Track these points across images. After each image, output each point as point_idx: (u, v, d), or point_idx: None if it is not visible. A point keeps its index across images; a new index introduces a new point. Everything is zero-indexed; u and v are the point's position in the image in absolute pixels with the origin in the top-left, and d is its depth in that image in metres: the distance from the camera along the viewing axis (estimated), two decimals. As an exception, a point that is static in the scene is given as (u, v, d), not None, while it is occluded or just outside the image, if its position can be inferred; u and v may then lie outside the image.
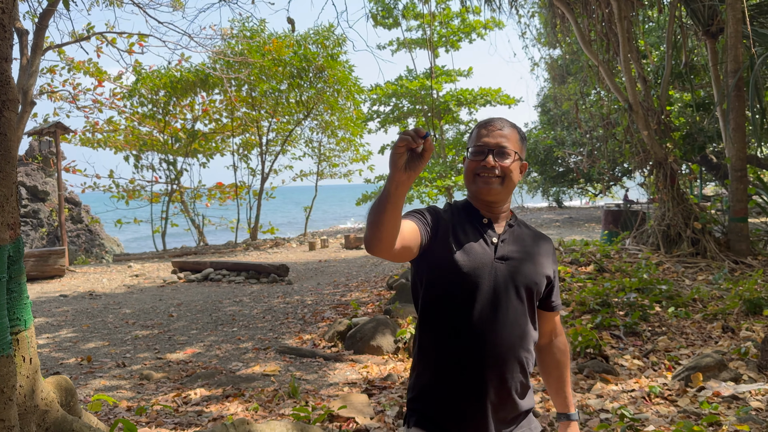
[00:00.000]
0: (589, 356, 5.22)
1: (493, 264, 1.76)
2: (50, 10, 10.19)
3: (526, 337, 1.80)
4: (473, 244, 1.78)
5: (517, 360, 1.75)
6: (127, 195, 17.96)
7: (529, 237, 1.90)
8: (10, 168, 1.96)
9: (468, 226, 1.81)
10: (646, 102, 10.79)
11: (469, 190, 1.87)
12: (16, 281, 2.11)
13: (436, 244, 1.74)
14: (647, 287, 7.16)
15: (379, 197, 1.50)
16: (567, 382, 1.98)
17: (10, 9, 1.97)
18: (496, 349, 1.72)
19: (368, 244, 1.55)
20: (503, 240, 1.82)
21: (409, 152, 1.47)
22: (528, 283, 1.79)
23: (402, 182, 1.46)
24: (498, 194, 1.80)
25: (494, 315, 1.73)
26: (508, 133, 1.83)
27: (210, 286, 10.52)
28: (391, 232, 1.52)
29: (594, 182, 28.46)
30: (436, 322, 1.77)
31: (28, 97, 11.11)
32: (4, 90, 1.94)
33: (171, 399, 4.52)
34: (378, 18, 20.86)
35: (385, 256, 1.57)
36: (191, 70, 16.69)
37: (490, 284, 1.74)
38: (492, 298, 1.74)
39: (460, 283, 1.73)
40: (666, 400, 4.28)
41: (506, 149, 1.80)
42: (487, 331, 1.72)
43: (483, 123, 1.87)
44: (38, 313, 8.17)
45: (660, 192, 10.59)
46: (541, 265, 1.86)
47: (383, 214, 1.48)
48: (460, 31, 21.91)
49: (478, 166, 1.79)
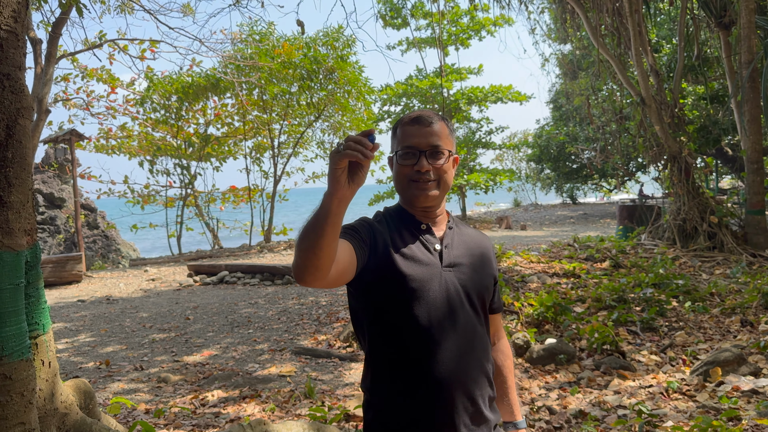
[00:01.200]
0: (606, 353, 5.19)
1: (441, 273, 1.61)
2: (63, 19, 10.31)
3: (487, 347, 1.69)
4: (416, 253, 1.62)
5: (484, 374, 1.65)
6: (143, 200, 18.09)
7: (471, 237, 1.78)
8: (25, 175, 2.00)
9: (406, 234, 1.65)
10: (659, 95, 10.71)
11: (403, 197, 1.70)
12: (34, 286, 2.15)
13: (376, 261, 1.57)
14: (664, 282, 7.11)
15: (315, 218, 1.30)
16: (512, 388, 1.86)
17: (22, 18, 2.00)
18: (462, 368, 1.58)
19: (301, 274, 1.33)
20: (446, 245, 1.67)
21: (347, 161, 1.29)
22: (480, 289, 1.68)
23: (345, 198, 1.29)
24: (435, 199, 1.65)
25: (453, 330, 1.59)
26: (438, 129, 1.65)
27: (225, 288, 10.58)
28: (329, 257, 1.32)
29: (608, 178, 28.28)
30: (391, 347, 1.59)
31: (43, 105, 11.25)
32: (18, 98, 1.97)
33: (189, 401, 4.55)
34: (387, 18, 20.89)
35: (319, 285, 1.37)
36: (202, 75, 16.79)
37: (443, 296, 1.59)
38: (448, 312, 1.59)
39: (410, 299, 1.57)
40: (684, 396, 4.25)
41: (439, 148, 1.63)
42: (448, 349, 1.57)
43: (408, 120, 1.67)
44: (57, 318, 8.27)
45: (675, 186, 10.51)
46: (488, 267, 1.74)
47: (322, 237, 1.28)
48: (469, 29, 21.89)
49: (411, 172, 1.62)
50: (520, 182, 33.88)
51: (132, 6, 13.39)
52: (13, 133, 1.95)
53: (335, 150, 1.29)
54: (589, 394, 4.40)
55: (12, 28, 1.95)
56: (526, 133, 32.48)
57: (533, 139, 29.01)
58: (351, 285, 1.60)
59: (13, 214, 1.94)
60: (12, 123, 1.95)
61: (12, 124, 1.95)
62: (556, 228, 19.72)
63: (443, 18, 20.46)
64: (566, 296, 6.82)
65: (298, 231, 1.37)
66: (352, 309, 1.70)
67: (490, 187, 21.44)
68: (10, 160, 1.94)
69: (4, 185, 1.93)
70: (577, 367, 5.01)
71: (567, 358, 5.05)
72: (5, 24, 1.93)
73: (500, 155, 34.06)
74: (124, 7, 13.06)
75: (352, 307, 1.69)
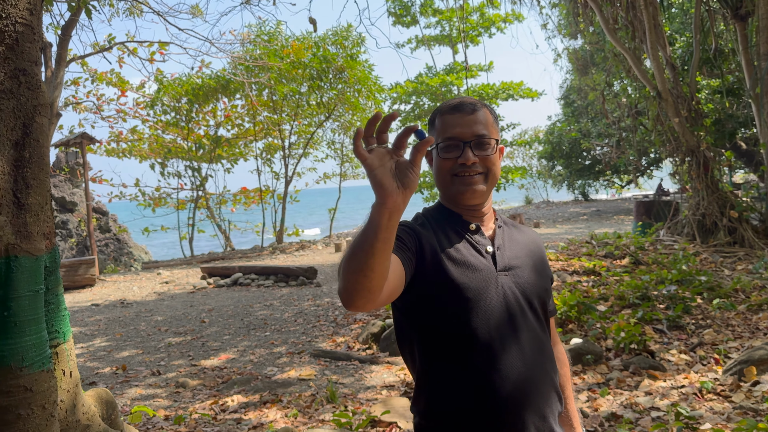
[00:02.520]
0: (634, 352, 5.05)
1: (497, 278, 1.45)
2: (73, 21, 10.27)
3: (553, 356, 1.53)
4: (468, 258, 1.44)
5: (553, 388, 1.48)
6: (154, 203, 18.09)
7: (522, 235, 1.61)
8: (44, 175, 1.90)
9: (454, 236, 1.47)
10: (675, 89, 10.53)
11: (446, 195, 1.52)
12: (53, 292, 2.05)
13: (425, 271, 1.40)
14: (687, 279, 6.95)
15: (364, 236, 1.11)
16: (570, 398, 1.68)
17: (38, 11, 1.90)
18: (529, 383, 1.41)
19: (351, 299, 1.15)
20: (499, 247, 1.50)
21: (395, 161, 1.10)
22: (539, 292, 1.51)
23: (397, 208, 1.08)
24: (483, 195, 1.48)
25: (516, 341, 1.42)
26: (483, 116, 1.48)
27: (239, 290, 10.51)
28: (382, 278, 1.14)
29: (621, 174, 28.02)
30: (448, 365, 1.42)
31: (54, 109, 11.22)
32: (35, 94, 1.87)
33: (208, 407, 4.46)
34: (397, 16, 20.80)
35: (370, 309, 1.19)
36: (212, 77, 16.75)
37: (501, 304, 1.43)
38: (508, 321, 1.43)
39: (466, 310, 1.40)
40: (719, 396, 4.10)
41: (485, 137, 1.46)
42: (513, 363, 1.40)
43: (448, 108, 1.50)
44: (71, 323, 8.22)
45: (693, 181, 10.33)
46: (544, 267, 1.58)
47: (372, 257, 1.09)
48: (479, 25, 21.74)
49: (455, 165, 1.45)
50: (532, 179, 33.64)
51: (141, 8, 13.36)
52: (30, 131, 1.86)
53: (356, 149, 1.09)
54: (619, 396, 4.26)
55: (28, 21, 1.85)
56: (538, 130, 32.26)
57: (545, 136, 28.79)
58: (398, 299, 1.40)
59: (31, 217, 1.84)
60: (29, 121, 1.86)
61: (29, 122, 1.86)
62: (570, 225, 19.52)
63: (453, 15, 20.32)
64: (588, 294, 6.68)
65: (344, 251, 1.19)
66: (398, 325, 1.51)
67: (502, 184, 21.28)
68: (28, 160, 1.85)
69: (21, 187, 1.83)
70: (605, 368, 4.87)
71: (594, 358, 4.91)
72: (20, 17, 1.83)
73: (511, 153, 33.84)
74: (133, 10, 13.03)
75: (398, 323, 1.51)
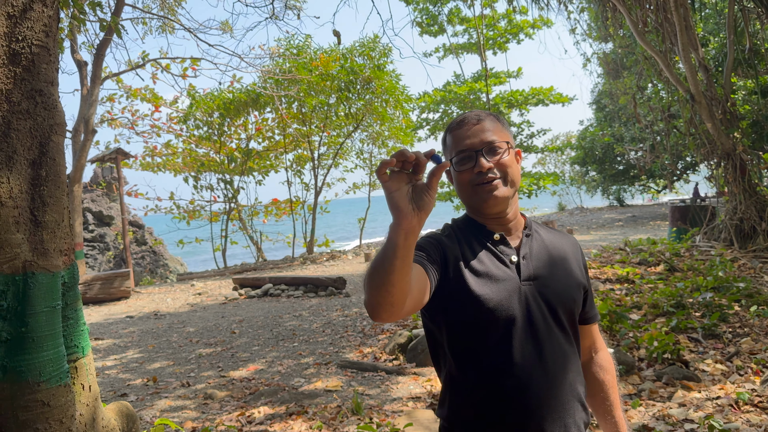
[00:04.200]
0: (667, 362, 4.91)
1: (520, 289, 1.46)
2: (107, 40, 10.55)
3: (578, 367, 1.52)
4: (491, 269, 1.47)
5: (577, 400, 1.48)
6: (188, 215, 18.40)
7: (552, 243, 1.60)
8: (60, 193, 1.94)
9: (478, 247, 1.51)
10: (709, 91, 10.29)
11: (471, 206, 1.56)
12: (72, 308, 2.09)
13: (448, 282, 1.44)
14: (723, 286, 6.75)
15: (383, 254, 1.17)
16: (616, 405, 1.66)
17: (54, 32, 1.95)
18: (552, 394, 1.43)
19: (376, 312, 1.22)
20: (524, 256, 1.52)
21: (411, 183, 1.16)
22: (566, 301, 1.51)
23: (413, 229, 1.14)
24: (506, 199, 1.50)
25: (539, 352, 1.44)
26: (488, 124, 1.52)
27: (270, 301, 10.58)
28: (403, 292, 1.20)
29: (657, 178, 27.45)
30: (472, 373, 1.45)
31: (90, 125, 11.53)
32: (51, 114, 1.92)
33: (235, 418, 4.49)
34: (423, 26, 20.83)
35: (395, 319, 1.26)
36: (243, 91, 17.01)
37: (524, 315, 1.44)
38: (531, 332, 1.44)
39: (489, 321, 1.43)
40: (757, 408, 3.96)
41: (495, 143, 1.50)
42: (536, 375, 1.42)
43: (455, 124, 1.55)
44: (106, 335, 8.38)
45: (730, 185, 10.06)
46: (575, 275, 1.57)
47: (392, 274, 1.16)
48: (507, 32, 21.63)
49: (473, 176, 1.49)
50: (564, 186, 33.19)
51: (173, 25, 13.66)
52: (47, 150, 1.90)
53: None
54: (651, 407, 4.15)
55: (43, 42, 1.90)
56: (569, 135, 31.86)
57: (577, 141, 28.41)
58: (424, 308, 1.48)
59: (48, 234, 1.88)
60: (45, 140, 1.90)
61: (45, 141, 1.90)
62: (604, 231, 19.18)
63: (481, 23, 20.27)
64: (621, 303, 6.54)
65: (367, 266, 1.25)
66: (428, 330, 1.56)
67: (534, 191, 21.06)
68: (44, 179, 1.89)
69: (38, 204, 1.88)
70: (638, 378, 4.75)
71: (626, 368, 4.79)
72: (36, 39, 1.88)
73: (543, 159, 33.50)
74: (165, 27, 13.32)
75: (428, 328, 1.56)
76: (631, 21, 10.82)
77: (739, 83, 16.48)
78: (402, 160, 1.14)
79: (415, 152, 1.14)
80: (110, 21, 6.49)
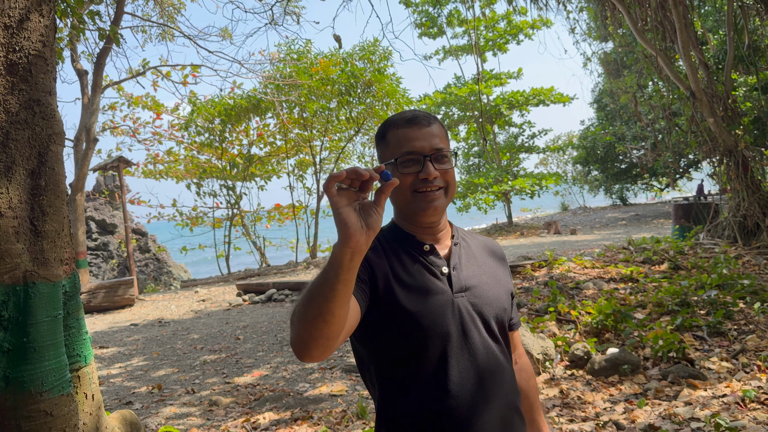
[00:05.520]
0: (673, 361, 4.90)
1: (453, 302, 1.38)
2: (106, 49, 10.58)
3: (513, 379, 1.46)
4: (422, 282, 1.38)
5: (515, 412, 1.43)
6: (191, 222, 18.44)
7: (478, 250, 1.54)
8: (60, 202, 1.94)
9: (407, 259, 1.41)
10: (709, 89, 10.28)
11: (404, 212, 1.45)
12: (74, 317, 2.09)
13: (379, 301, 1.34)
14: (728, 283, 6.73)
15: (322, 279, 1.07)
16: (539, 410, 1.65)
17: (51, 42, 1.95)
18: (492, 412, 1.36)
19: (307, 349, 1.11)
20: (454, 267, 1.44)
21: (360, 202, 1.08)
22: (497, 311, 1.44)
23: (360, 248, 1.05)
24: (442, 211, 1.43)
25: (475, 367, 1.37)
26: (438, 130, 1.42)
27: (274, 306, 10.58)
28: (341, 323, 1.10)
29: (659, 176, 27.41)
30: (405, 396, 1.36)
31: (91, 134, 11.56)
32: (49, 124, 1.92)
33: (240, 424, 4.48)
34: (423, 28, 20.85)
35: (325, 357, 1.14)
36: (244, 97, 17.05)
37: (458, 329, 1.36)
38: (466, 346, 1.37)
39: (422, 338, 1.34)
40: (763, 405, 3.94)
41: (444, 151, 1.41)
42: (473, 391, 1.35)
43: (403, 121, 1.43)
44: (111, 343, 8.38)
45: (732, 182, 10.04)
46: (503, 282, 1.52)
47: (332, 301, 1.06)
48: (506, 33, 21.64)
49: (416, 180, 1.38)
50: (567, 185, 33.14)
51: (172, 33, 13.70)
52: (46, 160, 1.90)
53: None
54: (657, 406, 4.13)
55: (40, 52, 1.90)
56: (571, 135, 31.84)
57: (578, 141, 28.39)
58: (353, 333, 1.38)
59: (48, 244, 1.88)
60: (44, 150, 1.90)
61: (44, 151, 1.90)
62: (608, 231, 19.16)
63: (480, 24, 20.29)
64: (625, 302, 6.52)
65: (299, 298, 1.12)
66: (357, 354, 1.46)
67: (536, 192, 21.03)
68: (44, 188, 1.89)
69: (38, 214, 1.88)
70: (643, 378, 4.73)
71: (631, 368, 4.78)
72: (33, 48, 1.88)
73: (544, 159, 33.46)
74: (164, 35, 13.36)
75: (357, 351, 1.46)
76: (631, 19, 10.82)
77: (740, 80, 16.46)
78: (352, 178, 1.06)
79: (367, 170, 1.06)
80: (109, 30, 6.51)
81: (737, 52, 12.36)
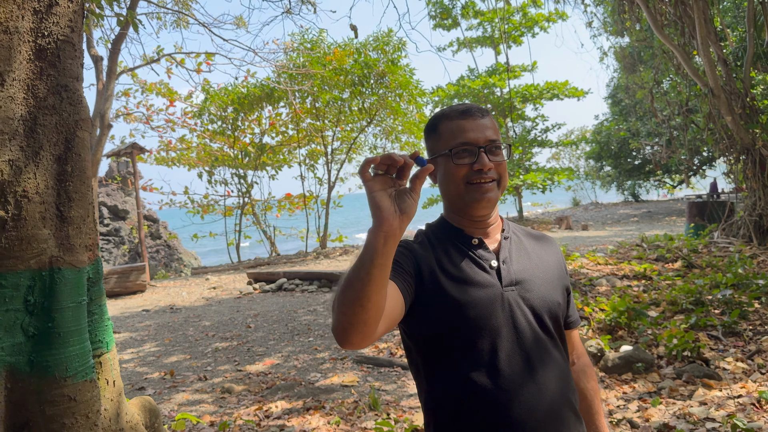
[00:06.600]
0: (687, 360, 4.87)
1: (502, 295, 1.37)
2: (122, 35, 10.59)
3: (568, 375, 1.43)
4: (470, 275, 1.37)
5: (570, 409, 1.39)
6: (202, 210, 18.48)
7: (531, 244, 1.52)
8: (85, 188, 1.94)
9: (455, 253, 1.41)
10: (728, 85, 10.16)
11: (456, 205, 1.44)
12: (96, 303, 2.09)
13: (425, 293, 1.34)
14: (743, 283, 6.67)
15: (359, 263, 1.08)
16: (600, 413, 1.58)
17: (79, 27, 1.95)
18: (544, 406, 1.33)
19: (346, 335, 1.11)
20: (504, 260, 1.42)
21: (395, 188, 1.09)
22: (551, 306, 1.42)
23: (394, 232, 1.06)
24: (495, 203, 1.42)
25: (527, 362, 1.34)
26: (490, 123, 1.42)
27: (284, 296, 10.61)
28: (379, 309, 1.10)
29: (672, 173, 27.20)
30: (454, 390, 1.34)
31: (105, 120, 11.58)
32: (76, 109, 1.91)
33: (253, 412, 4.50)
34: (437, 20, 20.73)
35: (366, 344, 1.14)
36: (257, 86, 17.03)
37: (509, 323, 1.35)
38: (516, 341, 1.35)
39: (470, 332, 1.33)
40: (779, 407, 3.90)
41: (497, 142, 1.41)
42: (525, 386, 1.32)
43: (457, 113, 1.43)
44: (122, 329, 8.44)
45: (749, 180, 9.95)
46: (557, 277, 1.49)
47: (368, 285, 1.06)
48: (522, 25, 21.48)
49: (470, 172, 1.38)
50: (579, 180, 32.97)
51: (187, 20, 13.68)
52: (72, 146, 1.90)
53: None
54: (672, 406, 4.11)
55: (69, 37, 1.90)
56: (584, 130, 31.62)
57: (592, 136, 28.21)
58: (401, 322, 1.37)
59: (73, 230, 1.89)
60: (71, 136, 1.90)
61: (71, 137, 1.90)
62: (620, 227, 19.05)
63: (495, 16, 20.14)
64: (639, 300, 6.48)
65: (337, 285, 1.13)
66: (406, 347, 1.46)
67: (548, 186, 20.93)
68: (70, 174, 1.89)
69: (64, 200, 1.88)
70: (657, 376, 4.70)
71: (645, 366, 4.75)
72: (62, 34, 1.87)
73: (557, 153, 33.28)
74: (179, 22, 13.36)
75: (406, 344, 1.46)
76: (649, 14, 10.70)
77: (759, 77, 16.26)
78: (388, 164, 1.07)
79: (402, 156, 1.06)
80: (127, 15, 6.51)
81: (757, 49, 12.19)
